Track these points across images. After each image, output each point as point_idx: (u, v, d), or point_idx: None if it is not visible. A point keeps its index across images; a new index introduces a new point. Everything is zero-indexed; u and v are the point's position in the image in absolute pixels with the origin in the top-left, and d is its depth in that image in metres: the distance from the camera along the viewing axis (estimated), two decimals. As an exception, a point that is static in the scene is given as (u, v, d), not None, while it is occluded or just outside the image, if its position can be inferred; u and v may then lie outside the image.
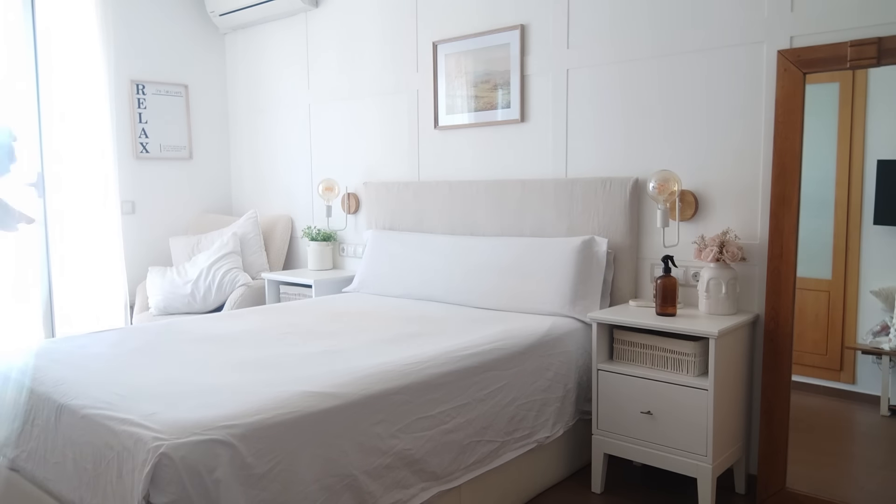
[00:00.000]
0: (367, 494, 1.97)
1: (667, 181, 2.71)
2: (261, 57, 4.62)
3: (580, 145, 3.15)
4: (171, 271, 4.10)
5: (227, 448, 1.67)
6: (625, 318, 2.62)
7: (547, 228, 3.17)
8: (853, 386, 2.57)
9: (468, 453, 2.30)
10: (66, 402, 1.96)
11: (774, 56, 2.55)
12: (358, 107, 4.07)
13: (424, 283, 3.37)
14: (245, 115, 4.80)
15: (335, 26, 4.13)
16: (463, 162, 3.59)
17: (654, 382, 2.54)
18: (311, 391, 1.95)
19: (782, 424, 2.51)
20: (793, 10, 2.53)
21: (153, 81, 4.51)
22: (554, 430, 2.66)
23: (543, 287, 2.96)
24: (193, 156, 4.74)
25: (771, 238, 2.54)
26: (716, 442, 2.43)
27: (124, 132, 4.36)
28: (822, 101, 2.49)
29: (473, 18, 3.47)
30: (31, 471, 2.07)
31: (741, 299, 2.68)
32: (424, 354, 2.32)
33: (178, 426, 1.68)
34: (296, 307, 3.27)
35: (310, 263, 4.12)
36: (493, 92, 3.42)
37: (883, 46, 2.29)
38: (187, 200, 4.73)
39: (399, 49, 3.82)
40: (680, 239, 2.83)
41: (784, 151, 2.49)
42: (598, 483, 2.72)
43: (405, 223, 3.74)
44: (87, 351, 2.43)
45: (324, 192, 4.05)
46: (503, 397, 2.45)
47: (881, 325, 2.47)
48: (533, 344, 2.62)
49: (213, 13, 4.60)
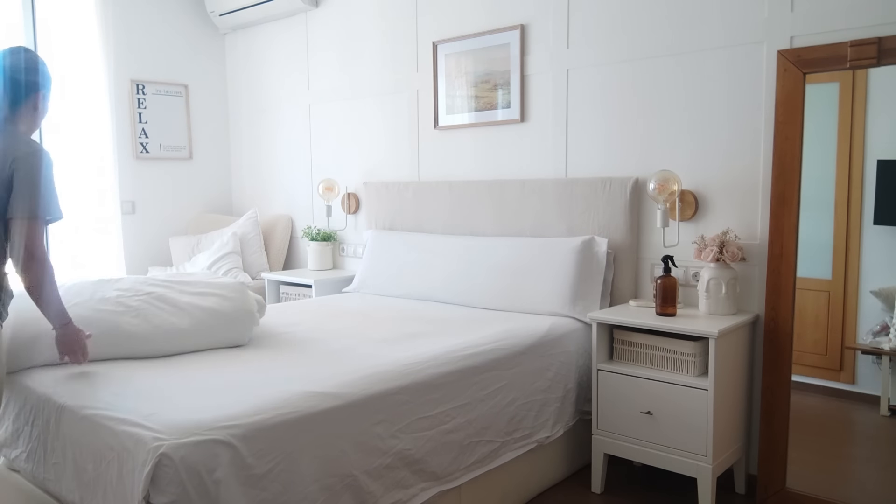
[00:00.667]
0: (368, 494, 1.97)
1: (667, 181, 2.72)
2: (261, 57, 4.62)
3: (580, 145, 3.14)
4: (172, 271, 4.10)
5: (227, 448, 1.67)
6: (625, 318, 2.63)
7: (547, 228, 3.17)
8: (853, 386, 2.57)
9: (468, 453, 2.30)
10: (66, 403, 1.96)
11: (774, 56, 2.55)
12: (358, 107, 4.07)
13: (424, 283, 3.37)
14: (245, 115, 4.80)
15: (335, 26, 4.13)
16: (463, 162, 3.59)
17: (654, 382, 2.54)
18: (311, 391, 1.95)
19: (782, 424, 2.52)
20: (793, 10, 2.53)
21: (153, 81, 4.51)
22: (554, 431, 2.66)
23: (543, 287, 2.96)
24: (193, 156, 4.74)
25: (771, 238, 2.54)
26: (716, 442, 2.43)
27: (124, 132, 4.36)
28: (822, 101, 2.49)
29: (473, 18, 3.47)
30: (31, 471, 2.07)
31: (741, 299, 2.68)
32: (424, 354, 2.32)
33: (179, 426, 1.68)
34: (295, 307, 3.27)
35: (310, 263, 4.12)
36: (493, 92, 3.42)
37: (883, 46, 2.29)
38: (187, 200, 4.73)
39: (399, 49, 3.82)
40: (680, 239, 2.83)
41: (784, 151, 2.49)
42: (598, 483, 2.72)
43: (405, 223, 3.74)
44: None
45: (324, 192, 4.05)
46: (503, 397, 2.45)
47: (881, 325, 2.47)
48: (533, 344, 2.62)
49: (213, 13, 4.59)
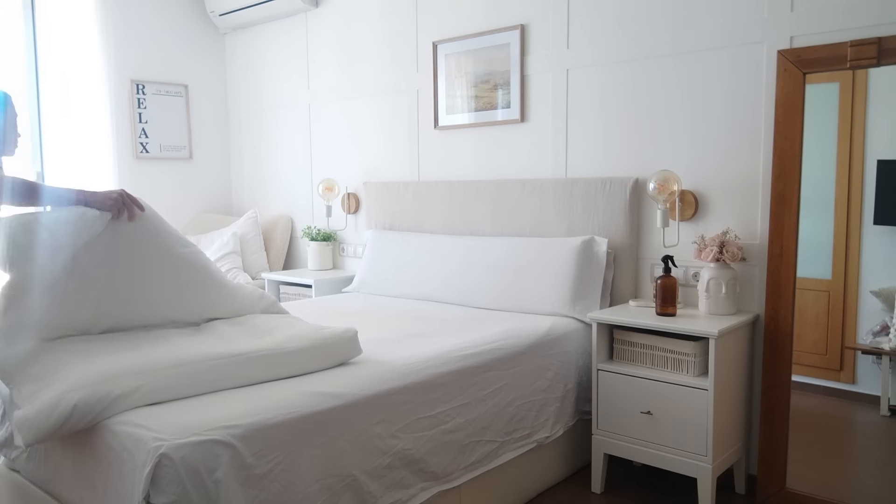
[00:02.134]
0: (368, 494, 1.97)
1: (667, 181, 2.72)
2: (261, 57, 4.62)
3: (580, 145, 3.14)
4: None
5: (227, 448, 1.67)
6: (625, 318, 2.63)
7: (547, 228, 3.17)
8: (853, 386, 2.57)
9: (468, 453, 2.30)
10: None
11: (774, 56, 2.55)
12: (358, 107, 4.07)
13: (424, 283, 3.37)
14: (245, 115, 4.80)
15: (335, 26, 4.13)
16: (463, 162, 3.59)
17: (654, 382, 2.54)
18: (311, 391, 1.95)
19: (782, 424, 2.52)
20: (793, 10, 2.53)
21: (153, 81, 4.51)
22: (554, 430, 2.66)
23: (543, 287, 2.96)
24: (193, 156, 4.74)
25: (771, 238, 2.54)
26: (716, 442, 2.43)
27: (124, 132, 4.36)
28: (822, 101, 2.49)
29: (473, 18, 3.47)
30: (31, 471, 2.07)
31: (741, 299, 2.68)
32: (424, 354, 2.32)
33: (179, 426, 1.68)
34: (295, 308, 3.26)
35: (310, 263, 4.12)
36: (493, 92, 3.42)
37: (883, 46, 2.29)
38: (187, 200, 4.73)
39: (399, 49, 3.82)
40: (680, 239, 2.83)
41: (784, 151, 2.49)
42: (598, 483, 2.72)
43: (405, 223, 3.74)
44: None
45: (324, 192, 4.05)
46: (503, 397, 2.46)
47: (881, 325, 2.47)
48: (533, 344, 2.62)
49: (213, 13, 4.59)
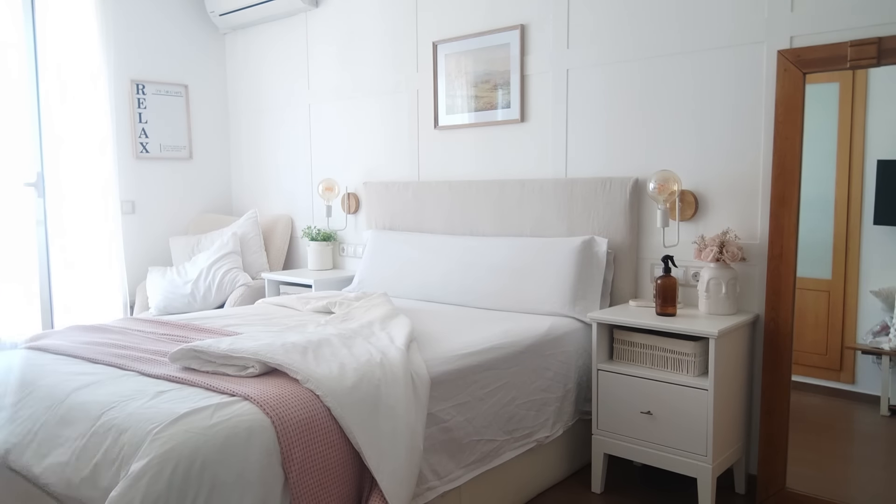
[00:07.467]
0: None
1: (667, 181, 2.71)
2: (261, 57, 4.62)
3: (580, 145, 3.14)
4: (171, 271, 4.10)
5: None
6: (625, 318, 2.62)
7: (547, 228, 3.17)
8: (853, 386, 2.57)
9: (468, 452, 2.30)
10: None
11: (774, 56, 2.55)
12: (358, 106, 4.07)
13: (424, 283, 3.37)
14: (245, 115, 4.80)
15: (335, 26, 4.13)
16: (463, 162, 3.59)
17: (654, 382, 2.54)
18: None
19: (782, 424, 2.51)
20: (793, 10, 2.53)
21: (153, 81, 4.51)
22: (554, 430, 2.66)
23: (543, 287, 2.96)
24: (193, 156, 4.74)
25: (771, 238, 2.54)
26: (716, 442, 2.43)
27: (124, 132, 4.36)
28: (822, 101, 2.49)
29: (473, 18, 3.47)
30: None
31: (741, 299, 2.68)
32: (424, 354, 2.32)
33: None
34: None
35: (310, 263, 4.12)
36: (493, 92, 3.42)
37: (883, 46, 2.29)
38: (187, 200, 4.73)
39: (399, 49, 3.82)
40: (680, 239, 2.83)
41: (784, 151, 2.49)
42: (598, 483, 2.72)
43: (405, 223, 3.74)
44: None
45: (324, 192, 4.05)
46: (503, 397, 2.45)
47: (881, 325, 2.47)
48: (532, 344, 2.62)
49: (213, 13, 4.60)
